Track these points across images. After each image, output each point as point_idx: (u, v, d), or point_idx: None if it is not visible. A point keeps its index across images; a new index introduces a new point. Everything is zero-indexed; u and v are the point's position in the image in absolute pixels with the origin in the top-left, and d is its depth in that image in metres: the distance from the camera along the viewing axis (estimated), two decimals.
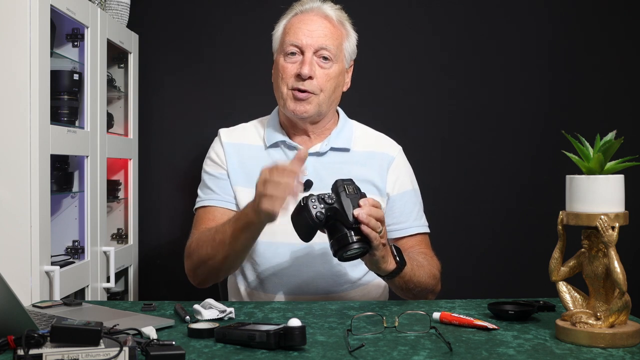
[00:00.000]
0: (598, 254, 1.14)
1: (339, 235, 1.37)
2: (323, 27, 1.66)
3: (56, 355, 0.91)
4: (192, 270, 1.63)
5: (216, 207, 1.70)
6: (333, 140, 1.73)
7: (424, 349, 1.10)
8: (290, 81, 1.65)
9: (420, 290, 1.58)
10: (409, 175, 1.79)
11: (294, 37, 1.65)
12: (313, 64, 1.64)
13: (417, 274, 1.55)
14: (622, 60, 2.62)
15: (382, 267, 1.44)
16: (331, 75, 1.66)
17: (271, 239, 1.65)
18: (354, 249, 1.37)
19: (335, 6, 1.72)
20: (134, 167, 2.55)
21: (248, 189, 1.68)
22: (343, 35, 1.70)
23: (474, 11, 2.63)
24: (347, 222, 1.36)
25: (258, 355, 1.07)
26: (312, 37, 1.64)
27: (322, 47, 1.64)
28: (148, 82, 2.61)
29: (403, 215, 1.73)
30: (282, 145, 1.73)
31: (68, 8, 1.93)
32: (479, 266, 2.61)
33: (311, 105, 1.65)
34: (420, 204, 1.79)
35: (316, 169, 1.69)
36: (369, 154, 1.75)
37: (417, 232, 1.74)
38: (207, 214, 1.70)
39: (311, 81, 1.64)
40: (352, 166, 1.71)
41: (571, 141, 1.17)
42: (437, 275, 1.65)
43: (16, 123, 1.74)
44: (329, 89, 1.66)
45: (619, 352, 1.07)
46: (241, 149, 1.75)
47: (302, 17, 1.68)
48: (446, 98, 2.63)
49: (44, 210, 1.78)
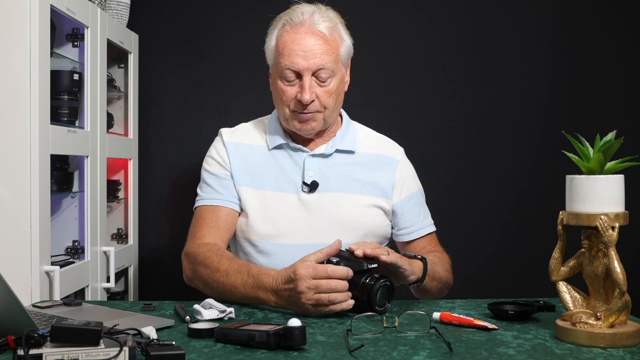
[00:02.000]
0: (598, 254, 1.14)
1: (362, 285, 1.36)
2: (317, 45, 1.59)
3: (56, 355, 0.91)
4: (191, 272, 1.58)
5: (220, 206, 1.67)
6: (338, 142, 1.71)
7: (424, 349, 1.10)
8: (292, 104, 1.62)
9: (442, 287, 1.63)
10: (414, 177, 1.80)
11: (289, 60, 1.59)
12: (312, 85, 1.60)
13: (437, 270, 1.58)
14: (622, 60, 2.62)
15: (409, 278, 1.46)
16: (332, 90, 1.63)
17: (273, 240, 1.65)
18: (381, 284, 1.36)
19: (325, 11, 1.64)
20: (134, 167, 2.55)
21: (252, 190, 1.68)
22: (337, 44, 1.64)
23: (475, 11, 2.63)
24: (361, 267, 1.37)
25: (258, 355, 1.07)
26: (308, 59, 1.58)
27: (319, 68, 1.59)
28: (148, 82, 2.61)
29: (412, 218, 1.75)
30: (285, 147, 1.71)
31: (68, 8, 1.93)
32: (479, 266, 2.61)
33: (317, 122, 1.64)
34: (424, 203, 1.81)
35: (321, 170, 1.68)
36: (373, 156, 1.74)
37: (427, 232, 1.77)
38: (210, 213, 1.66)
39: (313, 103, 1.61)
40: (357, 168, 1.71)
41: (571, 141, 1.17)
42: (450, 269, 1.69)
43: (16, 123, 1.74)
44: (331, 103, 1.64)
45: (619, 352, 1.07)
46: (244, 150, 1.72)
47: (294, 36, 1.60)
48: (447, 98, 2.63)
49: (44, 210, 1.78)
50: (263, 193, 1.67)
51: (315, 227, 1.64)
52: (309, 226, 1.65)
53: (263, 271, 1.42)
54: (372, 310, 1.33)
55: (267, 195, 1.67)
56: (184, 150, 2.63)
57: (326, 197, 1.66)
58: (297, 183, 1.67)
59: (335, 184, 1.68)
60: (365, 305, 1.34)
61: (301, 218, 1.65)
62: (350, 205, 1.67)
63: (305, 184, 1.67)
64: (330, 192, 1.67)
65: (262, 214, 1.66)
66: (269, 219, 1.65)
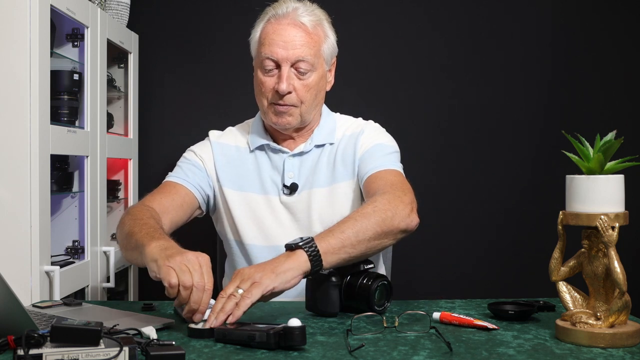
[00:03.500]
0: (598, 254, 1.14)
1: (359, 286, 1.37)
2: (298, 37, 1.60)
3: (56, 355, 0.91)
4: (119, 226, 1.56)
5: (181, 185, 1.69)
6: (316, 137, 1.72)
7: (424, 349, 1.10)
8: (270, 95, 1.64)
9: (373, 244, 1.41)
10: (377, 135, 1.72)
11: (269, 50, 1.60)
12: (291, 77, 1.61)
13: (347, 235, 1.37)
14: (622, 60, 2.62)
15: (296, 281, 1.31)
16: (311, 85, 1.63)
17: (262, 242, 1.66)
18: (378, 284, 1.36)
19: (310, 7, 1.66)
20: (134, 167, 2.54)
21: (234, 191, 1.70)
22: (320, 39, 1.64)
23: (475, 11, 2.63)
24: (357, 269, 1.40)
25: (258, 355, 1.07)
26: (287, 49, 1.59)
27: (298, 59, 1.60)
28: (148, 82, 2.61)
29: (365, 166, 1.64)
30: (266, 149, 1.73)
31: (68, 8, 1.93)
32: (479, 266, 2.61)
33: (292, 117, 1.65)
34: (390, 152, 1.68)
35: (300, 169, 1.70)
36: (347, 139, 1.72)
37: (376, 171, 1.61)
38: (170, 186, 1.69)
39: (290, 95, 1.62)
40: (336, 157, 1.70)
41: (571, 141, 1.17)
42: (388, 207, 1.44)
43: (16, 123, 1.74)
44: (309, 98, 1.64)
45: (619, 352, 1.07)
46: (228, 150, 1.76)
47: (276, 27, 1.62)
48: (446, 98, 2.63)
49: (44, 210, 1.78)
50: (248, 195, 1.70)
51: (301, 228, 1.66)
52: (295, 227, 1.66)
53: (158, 237, 1.38)
54: (372, 311, 1.33)
55: (252, 197, 1.69)
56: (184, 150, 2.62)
57: (306, 196, 1.67)
58: (278, 185, 1.69)
59: (315, 181, 1.68)
60: (365, 306, 1.34)
61: (286, 220, 1.67)
62: (331, 200, 1.66)
63: (286, 186, 1.68)
64: (309, 189, 1.67)
65: (249, 217, 1.69)
66: (257, 222, 1.68)
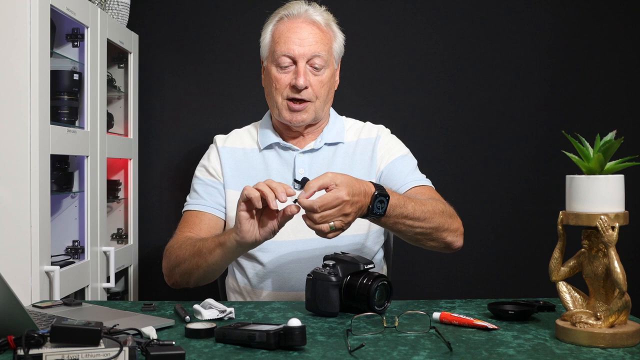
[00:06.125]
0: (598, 254, 1.14)
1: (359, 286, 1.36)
2: (313, 34, 1.67)
3: (56, 355, 0.91)
4: (169, 270, 1.64)
5: (203, 212, 1.72)
6: (326, 136, 1.76)
7: (424, 349, 1.10)
8: (285, 92, 1.67)
9: (431, 228, 1.51)
10: (396, 145, 1.79)
11: (285, 47, 1.65)
12: (307, 72, 1.66)
13: (413, 205, 1.47)
14: (622, 60, 2.62)
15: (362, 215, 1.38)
16: (324, 81, 1.68)
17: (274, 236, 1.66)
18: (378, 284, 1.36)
19: (321, 8, 1.73)
20: (134, 167, 2.55)
21: (238, 192, 1.69)
22: (332, 38, 1.71)
23: (474, 11, 2.63)
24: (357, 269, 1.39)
25: (258, 355, 1.07)
26: (304, 45, 1.65)
27: (314, 55, 1.66)
28: (148, 82, 2.61)
29: (399, 178, 1.70)
30: (276, 147, 1.75)
31: (68, 8, 1.93)
32: (479, 266, 2.61)
33: (308, 113, 1.68)
34: (415, 165, 1.77)
35: (312, 165, 1.72)
36: (359, 142, 1.77)
37: (414, 185, 1.69)
38: (193, 217, 1.72)
39: (307, 90, 1.66)
40: (346, 157, 1.74)
41: (571, 141, 1.17)
42: (449, 212, 1.58)
43: (16, 123, 1.74)
44: (323, 94, 1.69)
45: (619, 352, 1.07)
46: (236, 153, 1.77)
47: (291, 25, 1.68)
48: (446, 98, 2.63)
49: (44, 210, 1.78)
50: None
51: None
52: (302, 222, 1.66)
53: None
54: (372, 310, 1.33)
55: None
56: (184, 150, 2.63)
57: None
58: (288, 181, 1.70)
59: None
60: (365, 306, 1.35)
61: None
62: None
63: (297, 181, 1.69)
64: None
65: None
66: None
